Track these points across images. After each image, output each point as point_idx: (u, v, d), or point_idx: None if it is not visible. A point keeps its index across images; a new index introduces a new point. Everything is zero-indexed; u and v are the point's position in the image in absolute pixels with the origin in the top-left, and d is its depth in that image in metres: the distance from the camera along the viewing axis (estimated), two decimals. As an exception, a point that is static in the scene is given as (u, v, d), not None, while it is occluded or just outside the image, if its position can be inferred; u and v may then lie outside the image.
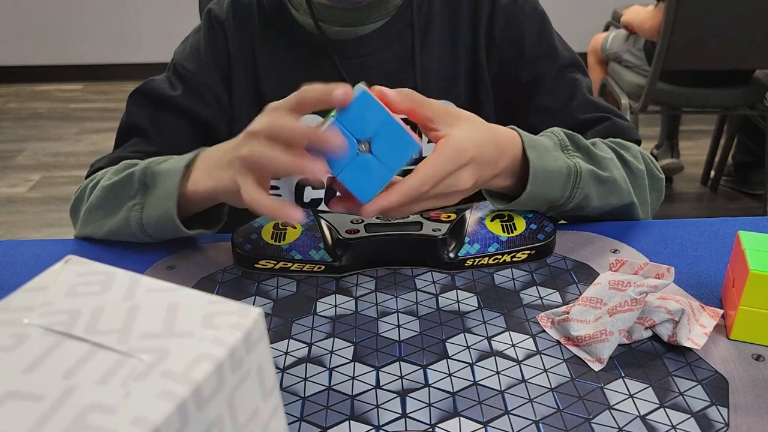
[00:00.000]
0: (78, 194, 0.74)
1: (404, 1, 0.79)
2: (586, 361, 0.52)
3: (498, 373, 0.51)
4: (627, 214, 0.72)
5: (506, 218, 0.67)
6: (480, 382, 0.50)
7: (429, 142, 0.59)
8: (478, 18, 0.79)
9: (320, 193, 0.81)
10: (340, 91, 0.52)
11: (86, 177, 0.77)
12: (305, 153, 0.53)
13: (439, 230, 0.65)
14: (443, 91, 0.80)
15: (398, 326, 0.57)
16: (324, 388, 0.50)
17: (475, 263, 0.65)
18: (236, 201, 0.58)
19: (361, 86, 0.53)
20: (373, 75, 0.76)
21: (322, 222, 0.67)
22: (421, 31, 0.79)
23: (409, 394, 0.49)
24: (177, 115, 0.79)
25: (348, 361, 0.53)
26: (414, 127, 0.74)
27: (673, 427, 0.46)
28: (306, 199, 0.81)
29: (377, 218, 0.66)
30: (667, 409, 0.47)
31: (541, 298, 0.60)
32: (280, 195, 0.81)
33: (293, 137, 0.53)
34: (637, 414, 0.47)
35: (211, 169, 0.61)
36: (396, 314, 0.59)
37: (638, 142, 0.78)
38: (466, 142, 0.58)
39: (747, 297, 0.52)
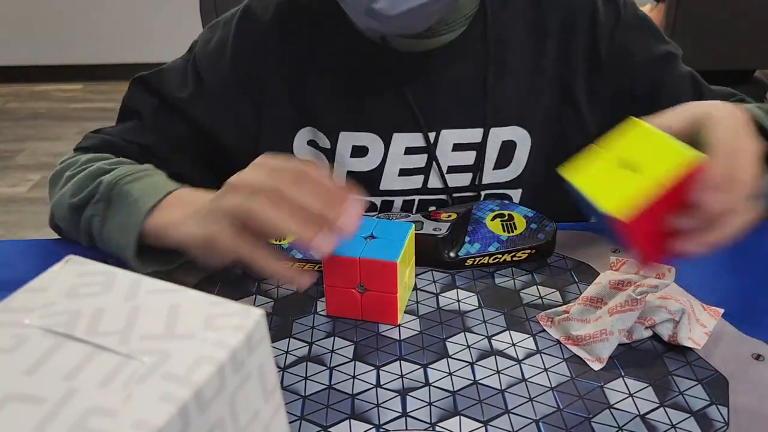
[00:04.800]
0: (59, 168, 0.70)
1: (477, 13, 0.71)
2: (586, 360, 0.52)
3: (498, 372, 0.51)
4: None
5: (506, 218, 0.68)
6: (480, 381, 0.50)
7: None
8: (569, 45, 0.72)
9: None
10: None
11: (74, 150, 0.74)
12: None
13: (440, 230, 0.65)
14: (519, 116, 0.73)
15: (398, 325, 0.57)
16: (324, 386, 0.50)
17: (476, 263, 0.65)
18: (206, 254, 0.51)
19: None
20: (440, 93, 0.71)
21: (323, 222, 0.67)
22: (498, 47, 0.71)
23: (410, 393, 0.49)
24: (179, 118, 0.73)
25: (348, 360, 0.53)
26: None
27: (673, 426, 0.46)
28: None
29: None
30: (667, 409, 0.47)
31: (541, 297, 0.60)
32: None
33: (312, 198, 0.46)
34: (637, 413, 0.47)
35: (186, 219, 0.54)
36: (396, 314, 0.59)
37: None
38: (714, 121, 0.50)
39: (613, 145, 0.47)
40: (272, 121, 0.73)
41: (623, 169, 0.46)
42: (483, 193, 0.75)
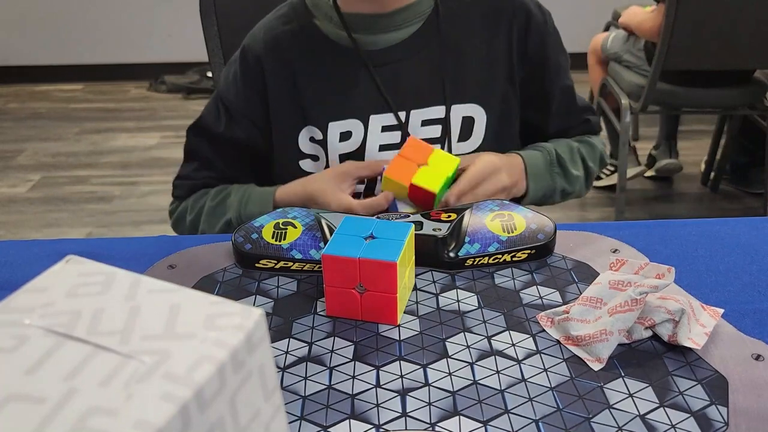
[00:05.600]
0: (177, 216, 0.92)
1: (432, 10, 0.85)
2: (585, 360, 0.52)
3: (498, 372, 0.51)
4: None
5: (506, 218, 0.68)
6: (480, 381, 0.50)
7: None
8: (511, 32, 0.87)
9: (360, 188, 0.87)
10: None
11: (173, 196, 0.94)
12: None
13: (440, 230, 0.65)
14: (476, 95, 0.86)
15: (398, 325, 0.57)
16: (324, 387, 0.50)
17: (476, 263, 0.65)
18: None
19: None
20: (405, 80, 0.86)
21: (323, 221, 0.67)
22: (453, 39, 0.86)
23: (409, 393, 0.49)
24: (228, 146, 0.90)
25: (348, 360, 0.53)
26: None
27: (673, 426, 0.46)
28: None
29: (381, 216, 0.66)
30: (666, 409, 0.47)
31: (541, 297, 0.60)
32: None
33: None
34: (637, 413, 0.47)
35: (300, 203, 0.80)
36: (396, 314, 0.59)
37: (600, 129, 1.00)
38: (492, 157, 0.81)
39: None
40: (280, 125, 0.88)
41: (424, 167, 0.75)
42: None
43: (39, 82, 3.79)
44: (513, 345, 0.54)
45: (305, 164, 0.88)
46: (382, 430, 0.46)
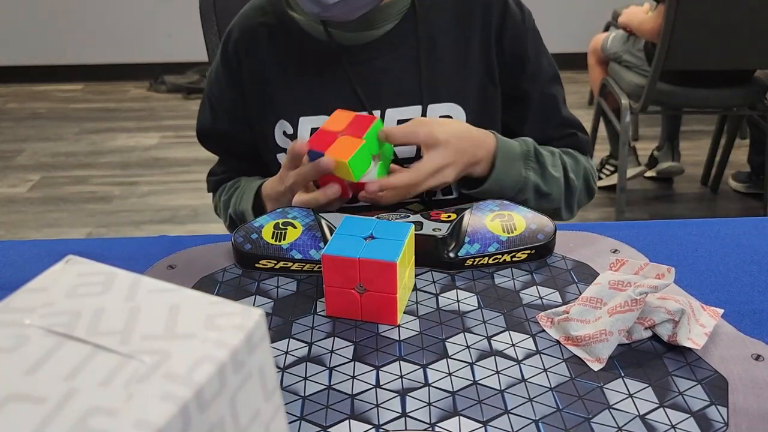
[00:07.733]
0: (215, 207, 0.98)
1: (408, 9, 0.84)
2: (585, 360, 0.52)
3: (498, 372, 0.51)
4: (551, 214, 0.83)
5: (506, 218, 0.68)
6: (480, 382, 0.50)
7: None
8: (489, 27, 0.84)
9: None
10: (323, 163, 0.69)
11: (209, 190, 1.00)
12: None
13: (440, 230, 0.65)
14: (453, 94, 0.84)
15: (398, 326, 0.57)
16: (324, 387, 0.50)
17: (475, 263, 0.65)
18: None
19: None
20: (381, 78, 0.84)
21: (323, 222, 0.67)
22: (429, 37, 0.84)
23: (409, 394, 0.49)
24: (222, 139, 0.93)
25: (348, 360, 0.53)
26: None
27: (673, 426, 0.46)
28: None
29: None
30: (666, 409, 0.47)
31: (540, 297, 0.60)
32: None
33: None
34: (637, 413, 0.47)
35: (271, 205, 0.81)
36: (396, 314, 0.59)
37: (591, 155, 0.93)
38: (459, 134, 0.75)
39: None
40: (256, 118, 0.89)
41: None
42: None
43: (39, 82, 3.79)
44: (513, 345, 0.54)
45: (282, 158, 0.85)
46: (381, 430, 0.46)
